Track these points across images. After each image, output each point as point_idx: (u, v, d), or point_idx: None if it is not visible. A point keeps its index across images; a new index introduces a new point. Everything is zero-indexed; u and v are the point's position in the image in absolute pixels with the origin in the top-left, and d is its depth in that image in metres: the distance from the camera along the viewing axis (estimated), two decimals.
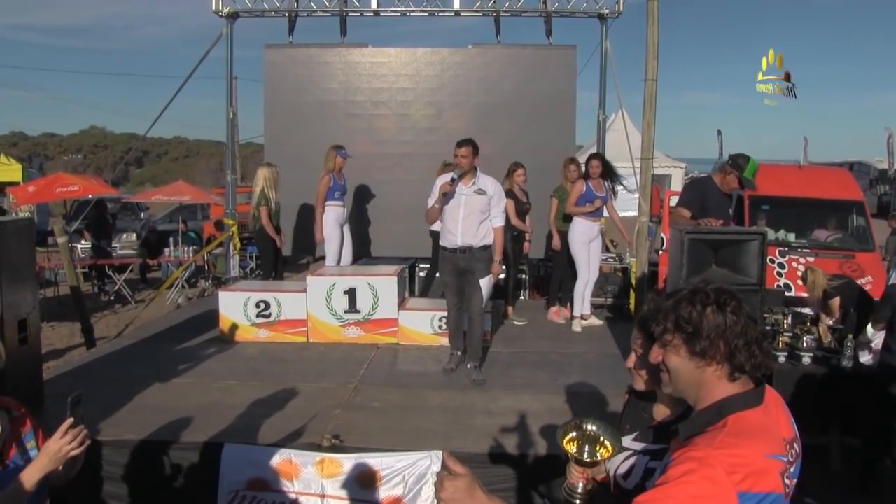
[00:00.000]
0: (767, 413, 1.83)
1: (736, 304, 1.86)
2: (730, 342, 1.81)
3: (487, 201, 6.08)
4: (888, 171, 36.43)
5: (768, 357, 1.88)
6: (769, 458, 1.71)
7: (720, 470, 1.64)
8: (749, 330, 1.83)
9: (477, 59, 10.62)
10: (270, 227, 8.74)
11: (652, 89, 8.57)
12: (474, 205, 6.07)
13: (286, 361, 6.69)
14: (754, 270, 4.74)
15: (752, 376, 1.85)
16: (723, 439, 1.71)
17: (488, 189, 6.10)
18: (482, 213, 6.09)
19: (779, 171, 13.15)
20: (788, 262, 10.36)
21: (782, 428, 1.83)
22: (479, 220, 6.09)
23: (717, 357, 1.83)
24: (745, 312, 1.86)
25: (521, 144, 9.13)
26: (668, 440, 2.10)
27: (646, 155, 8.40)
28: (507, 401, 5.59)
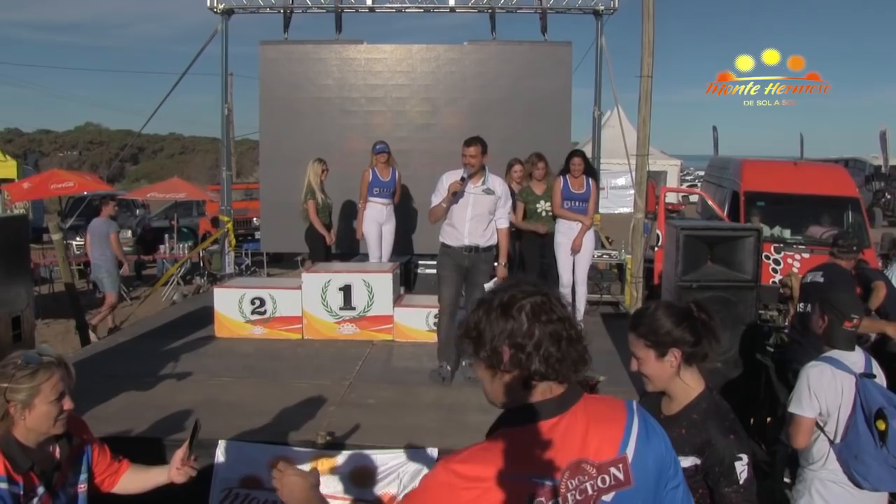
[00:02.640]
0: (562, 428, 1.65)
1: (531, 304, 1.68)
2: (514, 347, 1.67)
3: (495, 201, 6.01)
4: (882, 167, 36.52)
5: (564, 363, 1.67)
6: (516, 480, 1.59)
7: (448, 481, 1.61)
8: (539, 332, 1.66)
9: (472, 56, 10.61)
10: (318, 221, 8.62)
11: (647, 86, 8.60)
12: (483, 205, 5.99)
13: (281, 358, 6.68)
14: (749, 267, 4.75)
15: (564, 382, 1.70)
16: (471, 452, 1.65)
17: (497, 189, 6.03)
18: (490, 214, 6.02)
19: (774, 168, 13.20)
20: (784, 259, 10.39)
21: (584, 448, 1.65)
22: (487, 221, 6.02)
23: (504, 364, 1.68)
24: (541, 313, 1.68)
25: (516, 141, 9.11)
26: (671, 434, 2.16)
27: (641, 151, 8.42)
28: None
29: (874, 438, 3.29)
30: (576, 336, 1.71)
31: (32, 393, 2.28)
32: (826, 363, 3.48)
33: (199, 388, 5.74)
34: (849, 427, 3.37)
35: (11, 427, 2.30)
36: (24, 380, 2.27)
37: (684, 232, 4.70)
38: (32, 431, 2.33)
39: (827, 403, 3.40)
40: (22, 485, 2.27)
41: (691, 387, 2.48)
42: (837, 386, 3.40)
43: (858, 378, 3.41)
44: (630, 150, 9.14)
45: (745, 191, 11.60)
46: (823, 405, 3.41)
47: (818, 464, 3.48)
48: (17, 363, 2.31)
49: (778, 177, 12.21)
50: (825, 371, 3.44)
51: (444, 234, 6.14)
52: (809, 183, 11.97)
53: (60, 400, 2.33)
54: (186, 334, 7.41)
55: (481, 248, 6.03)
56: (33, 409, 2.28)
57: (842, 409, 3.39)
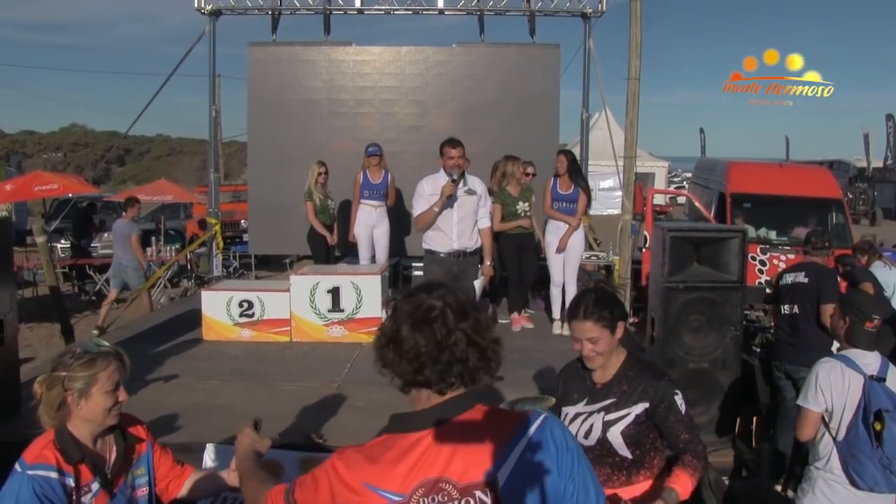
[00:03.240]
0: (425, 444, 1.62)
1: (411, 309, 1.69)
2: (393, 352, 1.71)
3: (477, 201, 6.02)
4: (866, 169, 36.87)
5: (438, 372, 1.65)
6: (366, 488, 1.61)
7: (326, 475, 1.67)
8: (415, 338, 1.66)
9: (461, 58, 10.63)
10: (316, 222, 8.71)
11: (635, 88, 8.59)
12: (467, 206, 5.99)
13: (269, 361, 6.66)
14: (735, 268, 4.78)
15: (445, 392, 1.67)
16: (353, 450, 1.69)
17: (477, 189, 6.05)
18: (474, 215, 6.03)
19: (760, 170, 13.31)
20: (770, 260, 10.46)
21: (447, 467, 1.59)
22: (472, 222, 6.03)
23: (382, 371, 1.76)
24: (425, 320, 1.66)
25: (505, 143, 9.09)
26: (613, 396, 2.80)
27: (629, 154, 8.42)
28: (488, 398, 5.58)
29: (871, 439, 3.33)
30: (463, 345, 1.64)
31: (90, 381, 2.31)
32: (838, 361, 3.53)
33: (187, 392, 5.71)
34: (851, 426, 3.41)
35: (67, 418, 2.33)
36: (81, 368, 2.31)
37: (670, 233, 4.72)
38: (88, 423, 2.35)
39: (833, 400, 3.46)
40: (74, 476, 2.28)
41: (619, 353, 2.88)
42: (845, 384, 3.45)
43: (867, 379, 3.44)
44: (618, 152, 9.14)
45: (731, 192, 11.69)
46: (829, 401, 3.46)
47: (822, 461, 3.53)
48: (76, 353, 2.35)
49: (764, 178, 12.31)
50: (835, 368, 3.50)
51: (431, 240, 6.07)
52: (794, 184, 12.08)
53: (116, 390, 2.37)
54: (174, 337, 7.37)
55: (468, 253, 6.03)
56: (90, 399, 2.31)
57: (846, 408, 3.44)
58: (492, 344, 1.70)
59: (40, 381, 2.34)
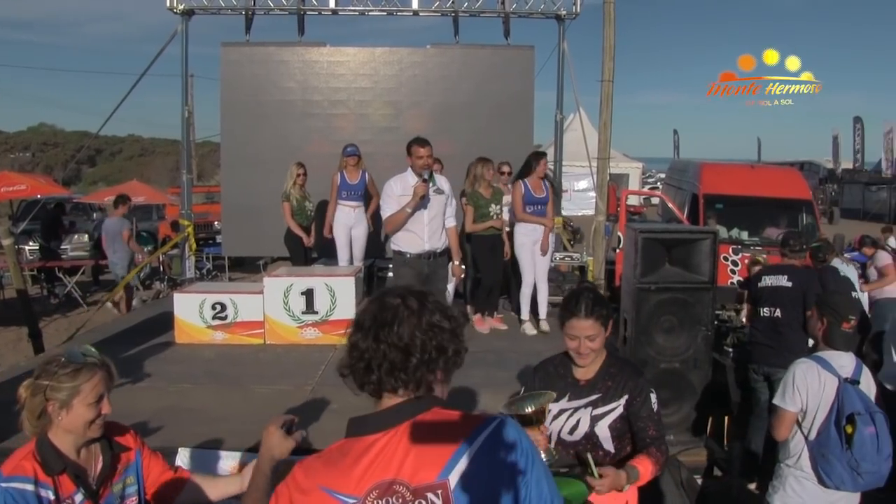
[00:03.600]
0: (380, 445, 1.60)
1: (360, 311, 1.73)
2: (349, 356, 1.73)
3: (445, 201, 5.97)
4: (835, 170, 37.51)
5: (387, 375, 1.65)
6: (321, 491, 1.60)
7: (283, 490, 1.66)
8: (366, 342, 1.67)
9: (435, 59, 10.63)
10: (292, 223, 8.68)
11: (608, 90, 8.67)
12: (437, 206, 5.94)
13: (243, 364, 6.60)
14: (706, 269, 4.82)
15: (399, 395, 1.67)
16: (315, 455, 1.67)
17: (445, 188, 6.00)
18: (442, 215, 5.98)
19: (732, 171, 13.47)
20: (741, 260, 10.58)
21: (401, 468, 1.58)
22: (441, 222, 5.98)
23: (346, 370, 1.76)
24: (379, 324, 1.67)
25: (479, 144, 9.11)
26: (598, 391, 2.87)
27: (603, 155, 8.50)
28: (465, 400, 5.57)
29: (841, 441, 3.38)
30: (417, 347, 1.64)
31: (72, 393, 2.23)
32: (815, 362, 3.56)
33: (159, 396, 5.65)
34: (822, 427, 3.45)
35: (48, 427, 2.25)
36: (65, 378, 2.22)
37: (643, 235, 4.76)
38: (69, 434, 2.27)
39: (808, 400, 3.49)
40: (53, 488, 2.19)
41: (601, 351, 2.94)
42: (821, 385, 3.48)
43: (842, 382, 3.48)
44: (592, 153, 9.22)
45: (703, 193, 11.81)
46: (805, 401, 3.50)
47: (793, 459, 3.57)
48: (61, 361, 2.26)
49: (735, 180, 12.46)
50: (812, 369, 3.53)
51: (400, 242, 5.97)
52: (765, 186, 12.23)
53: (99, 403, 2.29)
54: (145, 340, 7.28)
55: (438, 253, 5.98)
56: (71, 410, 2.23)
57: (820, 409, 3.48)
58: (450, 345, 1.67)
59: (25, 387, 2.25)
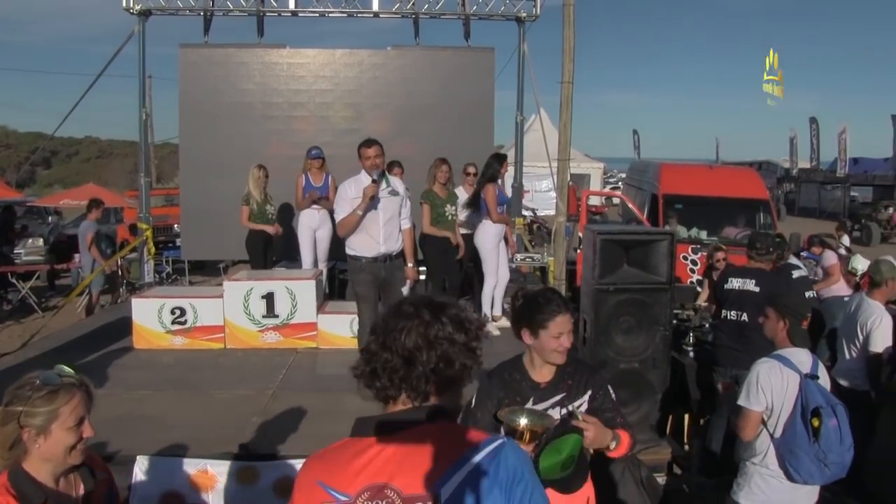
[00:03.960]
0: (376, 449, 1.64)
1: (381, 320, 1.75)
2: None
3: (400, 202, 5.87)
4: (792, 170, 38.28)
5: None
6: (318, 486, 1.65)
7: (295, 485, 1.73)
8: (375, 345, 1.71)
9: (396, 61, 10.62)
10: (251, 225, 8.62)
11: (568, 91, 8.71)
12: (392, 207, 5.83)
13: (203, 369, 6.54)
14: (664, 270, 4.88)
15: (400, 403, 1.69)
16: (315, 454, 1.75)
17: (399, 189, 5.91)
18: (397, 216, 5.87)
19: (690, 172, 13.69)
20: (700, 259, 10.73)
21: (393, 475, 1.60)
22: (397, 224, 5.86)
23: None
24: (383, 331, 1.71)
25: (440, 146, 9.11)
26: (561, 391, 2.88)
27: (563, 156, 8.53)
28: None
29: (809, 435, 3.44)
30: (423, 355, 1.64)
31: (50, 417, 2.04)
32: (776, 360, 3.61)
33: (117, 403, 5.55)
34: (788, 424, 3.50)
35: (23, 457, 2.07)
36: (41, 402, 2.04)
37: (601, 236, 4.80)
38: (47, 462, 2.08)
39: (773, 399, 3.53)
40: None
41: None
42: (784, 383, 3.53)
43: (803, 377, 3.54)
44: (552, 154, 9.26)
45: (663, 193, 11.98)
46: (770, 400, 3.54)
47: (758, 457, 3.61)
48: (35, 384, 2.07)
49: (694, 180, 12.67)
50: (774, 368, 3.57)
51: (355, 245, 5.84)
52: (723, 186, 12.45)
53: (80, 426, 2.10)
54: (103, 347, 7.17)
55: (394, 256, 5.87)
56: (49, 436, 2.05)
57: (784, 406, 3.52)
58: (458, 359, 1.66)
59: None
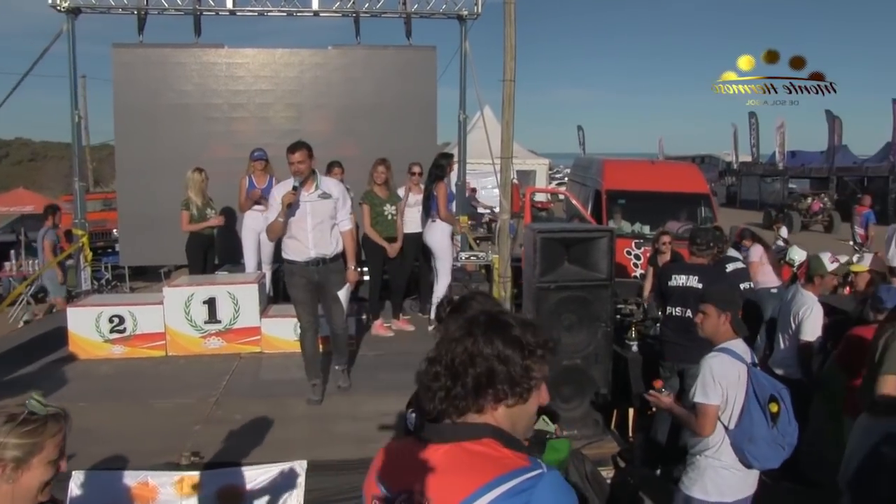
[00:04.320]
0: (424, 454, 1.69)
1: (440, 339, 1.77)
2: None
3: (334, 205, 5.76)
4: (733, 163, 39.24)
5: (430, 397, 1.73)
6: (374, 477, 1.76)
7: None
8: (429, 359, 1.75)
9: (337, 61, 10.52)
10: (190, 228, 8.43)
11: (510, 89, 8.74)
12: (322, 211, 5.70)
13: (143, 378, 6.40)
14: (604, 266, 4.94)
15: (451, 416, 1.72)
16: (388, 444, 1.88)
17: (333, 191, 5.78)
18: (332, 219, 5.76)
19: (633, 167, 13.89)
20: (643, 254, 10.90)
21: (432, 486, 1.64)
22: (330, 227, 5.76)
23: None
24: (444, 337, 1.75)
25: (383, 146, 9.08)
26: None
27: (505, 154, 8.55)
28: (372, 404, 5.58)
29: (767, 420, 3.51)
30: (479, 369, 1.66)
31: (32, 450, 1.89)
32: (724, 353, 3.66)
33: None
34: (743, 413, 3.56)
35: None
36: (25, 434, 1.89)
37: (541, 235, 4.83)
38: (14, 501, 1.90)
39: (728, 391, 3.58)
40: None
41: None
42: (736, 374, 3.59)
43: (749, 366, 3.63)
44: (496, 152, 9.28)
45: (606, 189, 12.13)
46: (725, 393, 3.58)
47: (712, 450, 3.65)
48: (12, 413, 1.91)
49: (636, 176, 12.85)
50: (725, 360, 3.62)
51: (288, 250, 5.77)
52: (665, 181, 12.67)
53: (59, 460, 1.97)
54: (38, 358, 6.95)
55: (328, 259, 5.77)
56: (28, 471, 1.88)
57: (738, 396, 3.57)
58: (507, 374, 1.67)
59: None
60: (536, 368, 1.70)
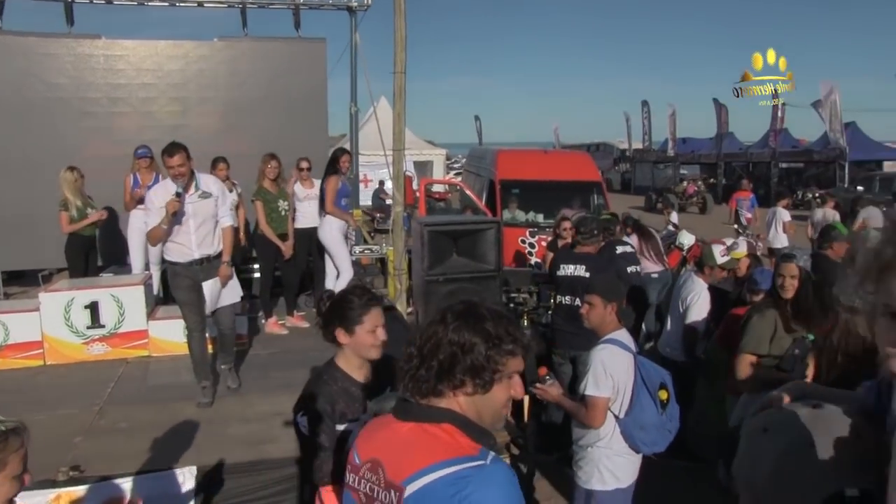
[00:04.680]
0: (392, 428, 1.79)
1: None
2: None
3: (214, 203, 5.64)
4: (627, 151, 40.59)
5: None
6: (353, 445, 1.89)
7: None
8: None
9: (223, 53, 10.23)
10: (70, 229, 8.04)
11: (401, 81, 8.72)
12: (205, 211, 5.57)
13: (17, 391, 6.03)
14: (492, 257, 5.00)
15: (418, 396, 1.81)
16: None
17: (212, 189, 5.66)
18: (213, 217, 5.65)
19: (526, 157, 14.14)
20: (538, 242, 11.13)
21: (392, 457, 1.74)
22: (213, 225, 5.66)
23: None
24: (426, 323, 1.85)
25: (273, 140, 8.89)
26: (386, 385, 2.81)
27: (397, 146, 8.55)
28: (264, 405, 5.49)
29: (657, 407, 3.61)
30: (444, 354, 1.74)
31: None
32: (612, 344, 3.72)
33: None
34: (633, 401, 3.64)
35: None
36: None
37: (428, 228, 4.86)
38: None
39: (618, 381, 3.64)
40: None
41: None
42: (624, 365, 3.66)
43: (635, 355, 3.73)
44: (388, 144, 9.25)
45: (500, 179, 12.31)
46: (616, 384, 3.63)
47: (604, 440, 3.71)
48: None
49: (530, 165, 13.10)
50: (615, 351, 3.68)
51: (171, 252, 5.62)
52: (558, 170, 12.97)
53: (23, 474, 1.94)
54: None
55: (213, 258, 5.68)
56: None
57: (627, 386, 3.65)
58: (468, 363, 1.73)
59: None
60: (502, 361, 1.75)
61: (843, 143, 26.66)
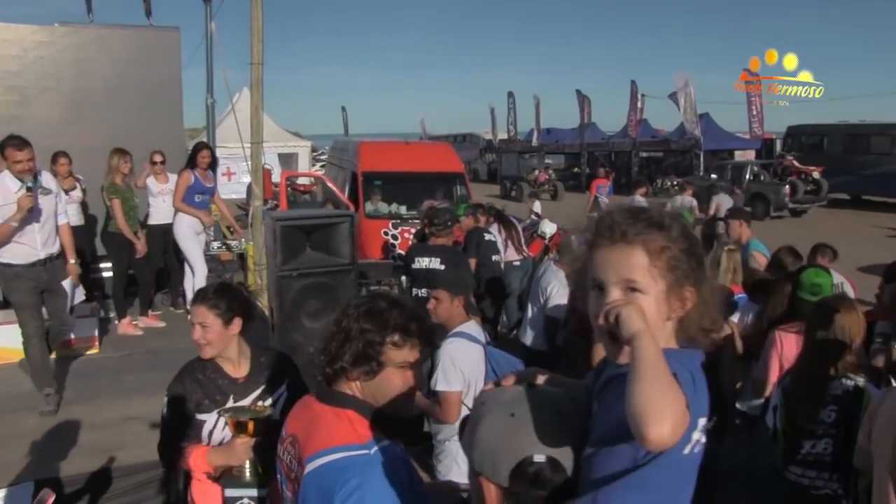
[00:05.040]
0: (313, 409, 1.90)
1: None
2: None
3: (55, 199, 5.46)
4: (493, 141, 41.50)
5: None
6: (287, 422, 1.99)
7: None
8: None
9: (67, 39, 9.63)
10: None
11: (258, 73, 8.59)
12: (48, 208, 5.39)
13: None
14: (347, 251, 5.02)
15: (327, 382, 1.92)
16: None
17: (52, 186, 5.49)
18: (54, 215, 5.47)
19: (388, 148, 14.22)
20: (401, 234, 11.23)
21: (307, 436, 1.82)
22: (54, 223, 5.47)
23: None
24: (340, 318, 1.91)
25: (124, 133, 8.47)
26: (260, 383, 2.86)
27: (255, 139, 8.42)
28: (116, 409, 5.32)
29: None
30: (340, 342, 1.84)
31: None
32: (461, 337, 3.75)
33: None
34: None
35: None
36: None
37: (280, 223, 4.83)
38: None
39: (468, 374, 3.65)
40: None
41: (246, 346, 2.93)
42: (474, 356, 3.71)
43: (485, 346, 3.79)
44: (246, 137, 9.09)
45: (362, 171, 12.32)
46: (466, 377, 3.64)
47: (458, 434, 3.78)
48: None
49: (392, 157, 13.17)
50: (463, 344, 3.72)
51: (8, 254, 5.31)
52: (420, 161, 13.10)
53: None
54: None
55: (55, 257, 5.49)
56: None
57: (479, 378, 3.67)
58: (361, 347, 1.81)
59: None
60: (392, 349, 1.83)
61: (698, 133, 28.09)
